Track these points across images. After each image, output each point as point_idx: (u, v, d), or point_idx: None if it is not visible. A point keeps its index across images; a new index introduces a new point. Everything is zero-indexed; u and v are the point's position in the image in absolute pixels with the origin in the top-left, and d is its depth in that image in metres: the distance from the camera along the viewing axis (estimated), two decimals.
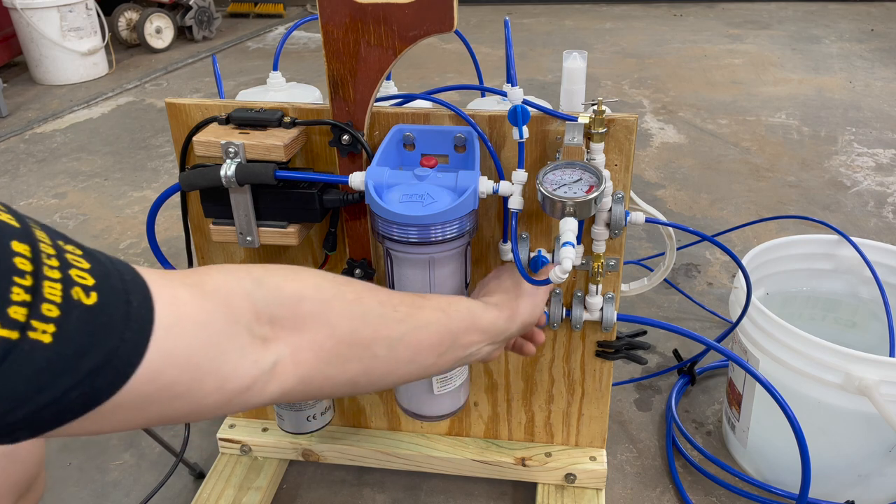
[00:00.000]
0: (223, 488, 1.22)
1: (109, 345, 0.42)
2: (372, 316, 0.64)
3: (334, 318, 0.60)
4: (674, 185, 2.49)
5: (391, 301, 0.67)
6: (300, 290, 0.59)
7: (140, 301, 0.45)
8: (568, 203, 0.79)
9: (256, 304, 0.55)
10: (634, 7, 5.18)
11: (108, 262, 0.45)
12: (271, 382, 0.56)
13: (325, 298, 0.61)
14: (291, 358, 0.57)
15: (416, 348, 0.68)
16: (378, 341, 0.64)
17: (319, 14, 0.84)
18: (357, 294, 0.64)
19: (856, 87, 3.43)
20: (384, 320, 0.65)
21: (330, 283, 0.63)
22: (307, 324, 0.58)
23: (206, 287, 0.52)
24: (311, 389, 0.61)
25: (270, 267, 0.61)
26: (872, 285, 1.35)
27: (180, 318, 0.47)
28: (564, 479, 1.19)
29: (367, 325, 0.63)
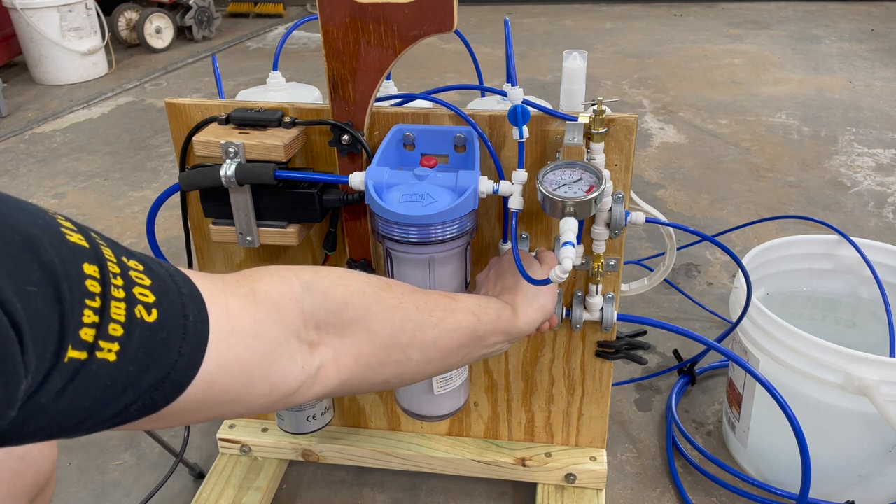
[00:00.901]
0: (223, 488, 1.22)
1: (169, 360, 0.44)
2: (410, 322, 0.66)
3: (375, 325, 0.63)
4: (674, 185, 2.49)
5: (427, 306, 0.69)
6: (345, 297, 0.61)
7: (196, 315, 0.46)
8: (568, 203, 0.79)
9: (305, 309, 0.57)
10: (634, 7, 5.18)
11: (166, 276, 0.46)
12: (315, 385, 0.59)
13: (368, 304, 0.63)
14: (334, 362, 0.60)
15: (446, 350, 0.70)
16: (414, 346, 0.66)
17: (319, 14, 0.84)
18: (397, 300, 0.66)
19: (856, 87, 3.43)
20: (420, 326, 0.67)
21: (373, 289, 0.65)
22: (350, 329, 0.61)
23: (258, 295, 0.54)
24: (349, 389, 0.63)
25: (319, 270, 0.63)
26: (872, 285, 1.35)
27: (234, 329, 0.50)
28: (564, 480, 1.19)
29: (405, 330, 0.65)
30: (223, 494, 1.21)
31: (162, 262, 0.48)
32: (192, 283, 0.48)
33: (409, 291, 0.69)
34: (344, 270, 0.66)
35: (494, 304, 0.78)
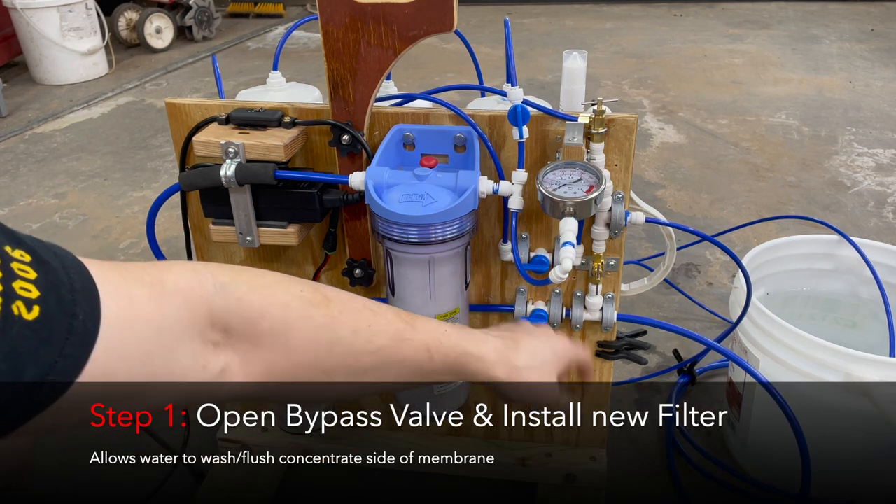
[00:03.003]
0: (223, 488, 1.22)
1: (48, 360, 0.41)
2: (340, 345, 0.60)
3: (295, 342, 0.57)
4: (674, 185, 2.49)
5: (369, 330, 0.62)
6: (263, 308, 0.56)
7: (87, 313, 0.43)
8: (568, 203, 0.79)
9: (215, 310, 0.53)
10: (634, 7, 5.18)
11: (59, 269, 0.43)
12: (221, 388, 0.55)
13: (290, 320, 0.57)
14: (241, 369, 0.55)
15: (384, 379, 0.64)
16: (339, 370, 0.60)
17: (319, 14, 0.84)
18: (330, 318, 0.60)
19: (856, 87, 3.43)
20: (352, 351, 0.61)
21: (300, 304, 0.59)
22: (264, 341, 0.56)
23: (166, 286, 0.51)
24: (262, 398, 0.59)
25: (241, 272, 0.58)
26: (872, 285, 1.35)
27: (134, 319, 0.47)
28: (564, 479, 1.19)
29: (330, 354, 0.59)
30: (223, 494, 1.21)
31: (58, 252, 0.44)
32: (88, 276, 0.45)
33: (352, 310, 0.62)
34: (275, 276, 0.60)
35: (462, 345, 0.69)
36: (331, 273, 1.08)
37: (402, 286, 0.89)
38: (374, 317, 0.63)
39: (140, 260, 2.10)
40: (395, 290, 0.90)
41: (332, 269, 1.07)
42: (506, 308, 1.06)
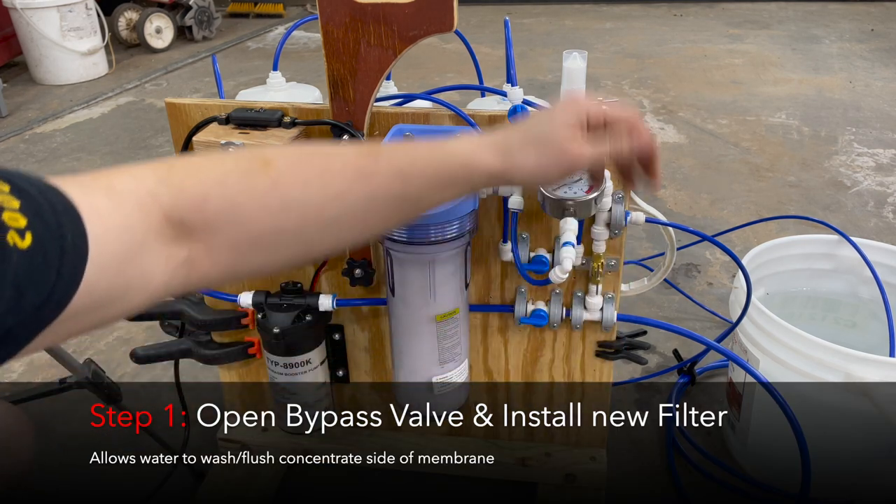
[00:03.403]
0: (223, 488, 1.22)
1: (48, 281, 0.43)
2: (293, 203, 0.57)
3: (245, 215, 0.56)
4: (674, 185, 2.49)
5: (321, 179, 0.59)
6: (202, 190, 0.55)
7: (74, 231, 0.45)
8: (568, 203, 0.79)
9: (163, 205, 0.53)
10: (634, 7, 5.18)
11: (37, 194, 0.44)
12: (191, 276, 0.55)
13: (231, 195, 0.56)
14: (207, 256, 0.55)
15: (361, 223, 0.61)
16: (306, 228, 0.58)
17: (319, 14, 0.84)
18: (272, 182, 0.57)
19: (856, 87, 3.43)
20: (309, 206, 0.58)
21: (237, 176, 0.57)
22: (217, 223, 0.55)
23: (117, 190, 0.51)
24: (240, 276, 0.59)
25: (175, 163, 0.57)
26: (872, 285, 1.35)
27: (108, 228, 0.48)
28: (564, 479, 1.19)
29: (287, 215, 0.57)
30: (223, 494, 1.21)
31: (30, 178, 0.45)
32: (63, 195, 0.45)
33: (297, 163, 0.59)
34: (211, 157, 0.58)
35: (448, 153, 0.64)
36: (331, 273, 1.08)
37: (402, 286, 0.89)
38: (327, 161, 0.60)
39: None
40: (395, 290, 0.90)
41: (332, 269, 1.07)
42: (506, 308, 1.06)
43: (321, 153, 0.61)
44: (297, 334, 1.02)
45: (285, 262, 0.60)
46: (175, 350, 1.12)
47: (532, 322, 1.04)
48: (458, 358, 0.95)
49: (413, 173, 0.61)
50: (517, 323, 1.06)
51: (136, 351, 1.10)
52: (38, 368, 1.69)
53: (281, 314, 1.02)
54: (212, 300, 1.11)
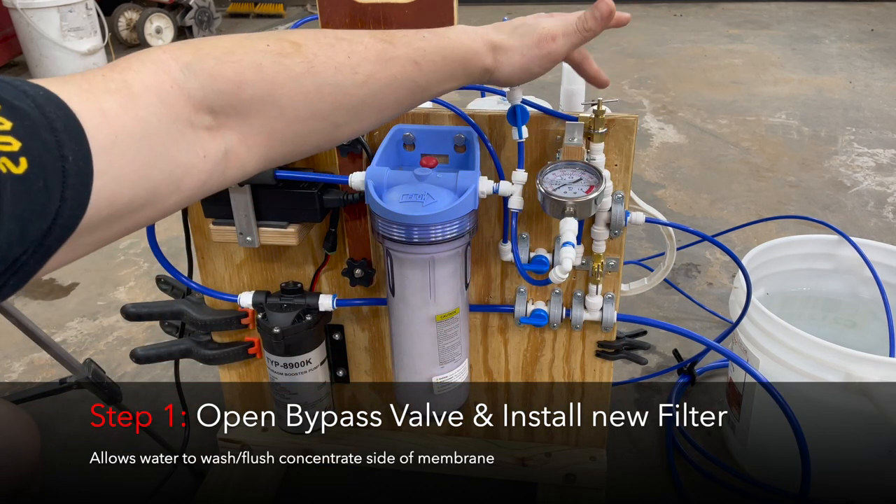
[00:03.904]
0: (223, 488, 1.22)
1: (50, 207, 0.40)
2: (328, 86, 0.57)
3: (283, 99, 0.55)
4: (674, 185, 2.49)
5: (351, 62, 0.59)
6: (238, 74, 0.53)
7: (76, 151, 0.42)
8: (568, 203, 0.79)
9: (192, 95, 0.50)
10: (634, 7, 5.18)
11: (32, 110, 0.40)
12: (229, 170, 0.54)
13: (269, 78, 0.54)
14: (243, 144, 0.54)
15: (381, 107, 0.63)
16: (337, 111, 0.59)
17: (319, 14, 0.84)
18: (307, 64, 0.56)
19: (856, 87, 3.43)
20: (342, 88, 0.58)
21: (272, 60, 0.55)
22: (253, 109, 0.54)
23: (134, 88, 0.48)
24: (275, 163, 0.59)
25: (202, 47, 0.54)
26: (872, 285, 1.35)
27: (117, 135, 0.45)
28: (564, 479, 1.19)
29: (322, 97, 0.57)
30: (223, 494, 1.21)
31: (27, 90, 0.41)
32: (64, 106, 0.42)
33: (326, 46, 0.59)
34: (233, 40, 0.56)
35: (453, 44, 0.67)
36: (331, 273, 1.08)
37: (402, 286, 0.89)
38: (351, 46, 0.60)
39: (142, 261, 2.10)
40: (395, 290, 0.90)
41: (332, 269, 1.07)
42: (506, 308, 1.06)
43: (345, 37, 0.61)
44: (297, 334, 1.02)
45: (314, 147, 0.60)
46: (175, 350, 1.12)
47: (532, 322, 1.04)
48: (458, 358, 0.95)
49: (426, 61, 0.64)
50: (517, 323, 1.06)
51: (136, 351, 1.10)
52: (38, 368, 1.70)
53: (281, 314, 1.02)
54: (212, 300, 1.11)
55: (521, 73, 0.72)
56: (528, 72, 0.72)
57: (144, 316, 1.10)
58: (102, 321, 1.87)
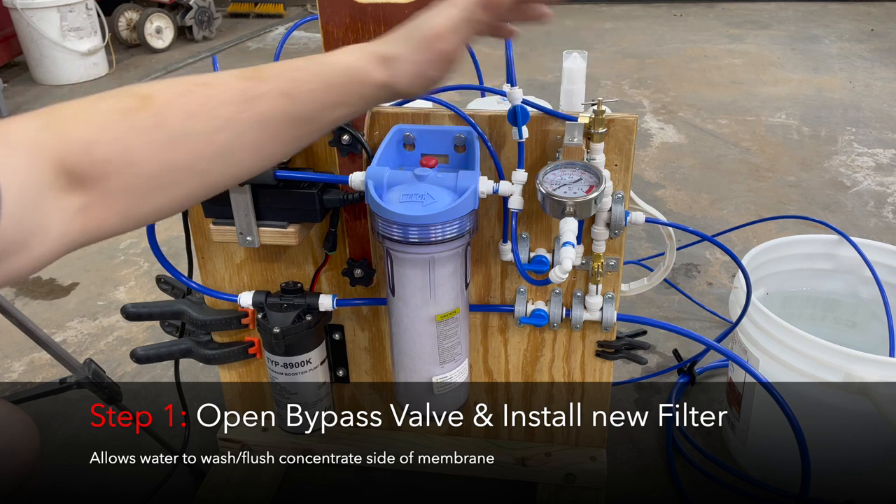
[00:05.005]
0: (223, 488, 1.22)
1: None
2: (180, 137, 0.55)
3: (135, 155, 0.53)
4: (674, 185, 2.49)
5: (206, 107, 0.56)
6: (87, 134, 0.53)
7: None
8: (568, 203, 0.79)
9: (51, 154, 0.51)
10: (634, 7, 5.18)
11: None
12: (89, 224, 0.53)
13: (118, 136, 0.53)
14: (102, 202, 0.53)
15: (255, 147, 0.59)
16: (199, 160, 0.56)
17: (319, 14, 0.84)
18: (155, 117, 0.55)
19: (856, 87, 3.43)
20: (199, 137, 0.56)
21: (119, 116, 0.54)
22: (107, 168, 0.53)
23: (11, 138, 0.50)
24: (143, 220, 0.57)
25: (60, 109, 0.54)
26: (872, 285, 1.35)
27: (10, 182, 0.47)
28: (564, 479, 1.19)
29: (175, 149, 0.55)
30: (223, 494, 1.21)
31: None
32: None
33: (178, 95, 0.57)
34: (87, 101, 0.55)
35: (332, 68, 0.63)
36: (331, 273, 1.08)
37: (402, 286, 0.89)
38: (209, 90, 0.58)
39: (142, 261, 2.10)
40: (395, 290, 0.90)
41: (332, 269, 1.07)
42: (506, 308, 1.06)
43: (202, 82, 0.58)
44: (297, 334, 1.02)
45: (186, 198, 0.58)
46: (175, 350, 1.12)
47: (532, 322, 1.04)
48: (458, 358, 0.95)
49: (300, 91, 0.60)
50: (517, 323, 1.06)
51: (136, 351, 1.10)
52: (38, 368, 1.70)
53: (281, 314, 1.02)
54: (212, 300, 1.11)
55: (418, 81, 0.65)
56: (425, 78, 0.66)
57: (144, 316, 1.10)
58: (102, 321, 1.87)
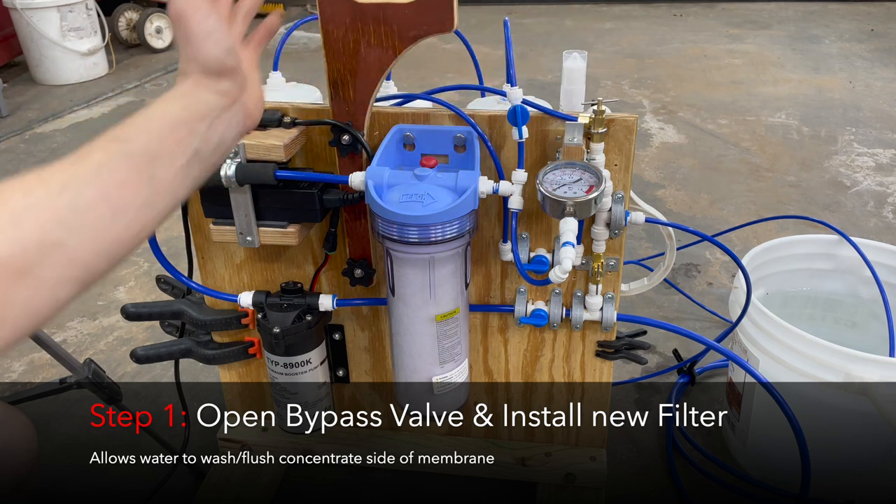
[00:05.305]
0: (223, 488, 1.22)
1: None
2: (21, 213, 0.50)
3: None
4: (674, 185, 2.49)
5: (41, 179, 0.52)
6: None
7: None
8: (568, 203, 0.79)
9: None
10: (634, 7, 5.18)
11: None
12: None
13: None
14: None
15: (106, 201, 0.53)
16: (49, 231, 0.50)
17: (319, 14, 0.84)
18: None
19: (856, 87, 3.43)
20: (38, 208, 0.51)
21: None
22: None
23: None
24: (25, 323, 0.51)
25: None
26: (872, 285, 1.35)
27: None
28: (564, 479, 1.19)
29: (20, 225, 0.50)
30: (223, 494, 1.21)
31: None
32: None
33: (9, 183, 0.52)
34: None
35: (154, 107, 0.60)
36: (331, 273, 1.08)
37: (402, 286, 0.89)
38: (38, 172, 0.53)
39: (142, 261, 2.10)
40: (395, 289, 0.90)
41: (332, 269, 1.07)
42: (506, 308, 1.06)
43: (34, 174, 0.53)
44: (297, 334, 1.02)
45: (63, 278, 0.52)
46: (175, 350, 1.12)
47: (532, 322, 1.04)
48: (458, 358, 0.95)
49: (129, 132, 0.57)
50: (517, 323, 1.06)
51: (136, 351, 1.10)
52: (38, 368, 1.70)
53: (281, 314, 1.02)
54: (212, 300, 1.11)
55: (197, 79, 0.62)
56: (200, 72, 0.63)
57: (144, 316, 1.09)
58: (102, 321, 1.87)
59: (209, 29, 0.61)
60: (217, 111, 0.62)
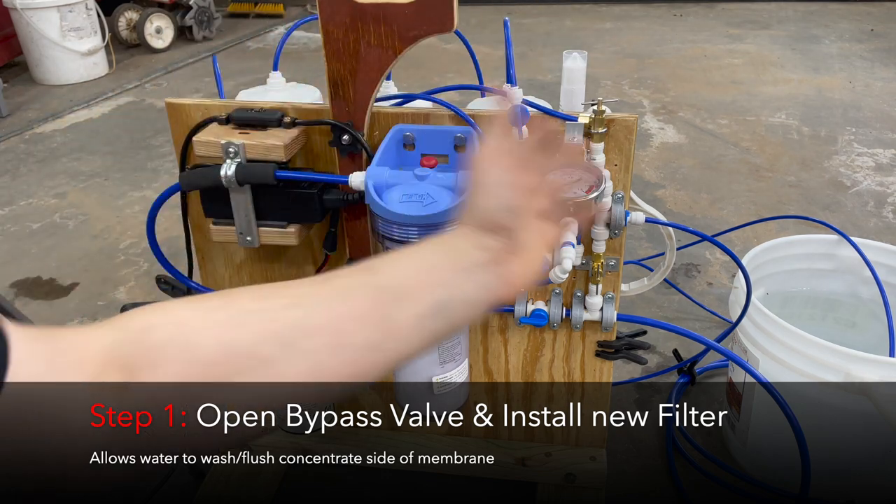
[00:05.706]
0: (223, 488, 1.22)
1: None
2: (244, 315, 0.49)
3: (194, 337, 0.48)
4: (674, 185, 2.49)
5: (278, 289, 0.52)
6: (148, 320, 0.49)
7: None
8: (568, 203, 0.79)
9: (111, 350, 0.47)
10: (634, 7, 5.18)
11: None
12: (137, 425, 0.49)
13: (179, 320, 0.49)
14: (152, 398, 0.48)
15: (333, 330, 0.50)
16: (263, 343, 0.48)
17: (319, 14, 0.84)
18: (225, 300, 0.51)
19: (856, 87, 3.43)
20: (262, 315, 0.49)
21: (189, 306, 0.51)
22: (164, 352, 0.47)
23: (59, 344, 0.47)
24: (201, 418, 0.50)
25: None
26: (872, 285, 1.35)
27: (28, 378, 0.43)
28: (564, 479, 1.19)
29: (238, 327, 0.49)
30: (223, 494, 1.21)
31: None
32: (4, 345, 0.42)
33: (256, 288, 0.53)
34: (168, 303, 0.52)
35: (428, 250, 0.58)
36: None
37: None
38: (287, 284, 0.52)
39: (142, 261, 2.10)
40: None
41: (332, 269, 1.07)
42: (506, 308, 1.06)
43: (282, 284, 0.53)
44: None
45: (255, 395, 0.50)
46: None
47: (532, 322, 1.04)
48: (457, 358, 0.95)
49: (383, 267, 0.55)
50: (517, 323, 1.06)
51: None
52: None
53: None
54: None
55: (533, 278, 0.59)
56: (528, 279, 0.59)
57: None
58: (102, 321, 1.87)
59: (491, 181, 0.59)
60: (474, 267, 0.56)
